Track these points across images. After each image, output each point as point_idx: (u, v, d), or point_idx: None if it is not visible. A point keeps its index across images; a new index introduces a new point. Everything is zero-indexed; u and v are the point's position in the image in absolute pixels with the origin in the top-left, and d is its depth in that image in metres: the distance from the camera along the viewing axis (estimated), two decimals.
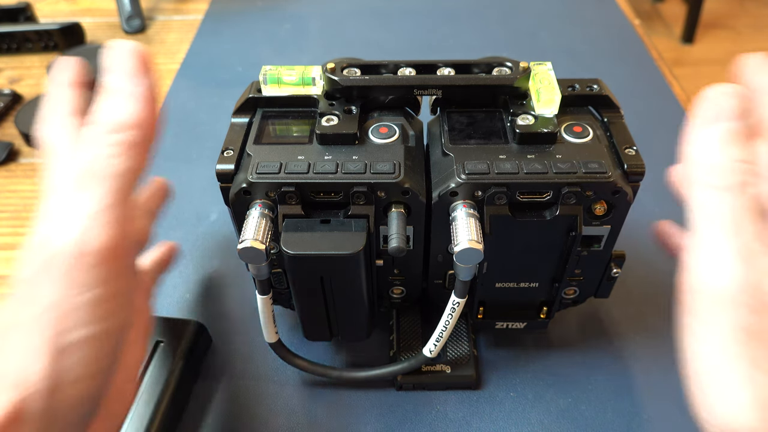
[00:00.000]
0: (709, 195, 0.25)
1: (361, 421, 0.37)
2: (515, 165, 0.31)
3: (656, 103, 0.63)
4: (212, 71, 0.70)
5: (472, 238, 0.29)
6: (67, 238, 0.24)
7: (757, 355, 0.23)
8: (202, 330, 0.40)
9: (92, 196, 0.24)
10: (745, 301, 0.23)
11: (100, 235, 0.24)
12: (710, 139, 0.25)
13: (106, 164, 0.25)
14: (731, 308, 0.23)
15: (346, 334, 0.37)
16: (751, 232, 0.24)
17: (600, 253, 0.35)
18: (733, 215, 0.24)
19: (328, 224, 0.31)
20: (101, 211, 0.24)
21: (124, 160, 0.25)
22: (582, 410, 0.38)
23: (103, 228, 0.24)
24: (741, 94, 0.25)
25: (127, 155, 0.25)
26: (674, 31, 2.20)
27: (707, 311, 0.24)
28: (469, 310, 0.38)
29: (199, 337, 0.40)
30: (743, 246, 0.24)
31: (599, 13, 0.78)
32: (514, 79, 0.34)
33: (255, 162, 0.32)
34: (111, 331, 0.26)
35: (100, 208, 0.24)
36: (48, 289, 0.24)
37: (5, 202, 0.54)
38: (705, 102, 0.26)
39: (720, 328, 0.24)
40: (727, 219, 0.24)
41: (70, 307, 0.24)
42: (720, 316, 0.24)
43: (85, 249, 0.24)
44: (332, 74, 0.34)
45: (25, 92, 0.67)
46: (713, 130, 0.25)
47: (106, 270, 0.25)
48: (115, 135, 0.25)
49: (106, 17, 0.80)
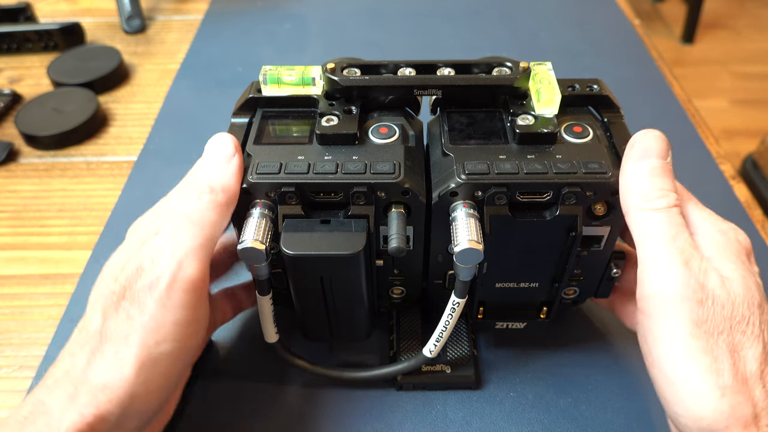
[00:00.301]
0: (645, 216, 0.29)
1: (361, 421, 0.37)
2: (515, 165, 0.31)
3: (656, 103, 0.63)
4: (212, 71, 0.70)
5: (472, 238, 0.29)
6: (168, 268, 0.29)
7: (709, 343, 0.27)
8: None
9: (189, 238, 0.30)
10: (690, 297, 0.27)
11: (192, 268, 0.30)
12: (640, 173, 0.30)
13: (201, 215, 0.31)
14: (680, 305, 0.27)
15: (346, 334, 0.37)
16: (684, 239, 0.28)
17: (600, 253, 0.35)
18: (666, 229, 0.29)
19: (328, 224, 0.31)
20: (194, 249, 0.30)
21: (215, 214, 0.31)
22: (582, 410, 0.38)
23: (193, 263, 0.30)
24: (661, 137, 0.30)
25: (217, 211, 0.31)
26: (674, 31, 2.20)
27: (662, 313, 0.28)
28: (469, 310, 0.38)
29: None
30: (680, 252, 0.28)
31: (599, 13, 0.78)
32: (514, 79, 0.34)
33: (255, 162, 0.32)
34: (187, 350, 0.31)
35: (194, 246, 0.30)
36: (148, 307, 0.29)
37: (5, 202, 0.54)
38: (635, 143, 0.31)
39: (675, 325, 0.27)
40: (662, 233, 0.29)
41: (162, 324, 0.29)
42: (673, 314, 0.27)
43: (180, 277, 0.29)
44: (332, 74, 0.34)
45: (25, 92, 0.67)
46: (642, 166, 0.30)
47: (192, 297, 0.30)
48: (211, 195, 0.31)
49: (106, 17, 0.80)
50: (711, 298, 0.27)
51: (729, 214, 0.51)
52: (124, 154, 0.59)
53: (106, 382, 0.28)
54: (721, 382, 0.26)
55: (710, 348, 0.27)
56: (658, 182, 0.30)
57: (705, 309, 0.27)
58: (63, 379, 0.28)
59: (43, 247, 0.50)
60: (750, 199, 0.52)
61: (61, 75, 0.66)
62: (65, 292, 0.46)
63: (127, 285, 0.29)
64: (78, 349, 0.29)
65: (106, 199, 0.54)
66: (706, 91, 1.94)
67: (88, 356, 0.28)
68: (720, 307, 0.27)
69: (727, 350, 0.27)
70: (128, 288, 0.29)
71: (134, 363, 0.28)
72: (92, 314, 0.30)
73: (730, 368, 0.26)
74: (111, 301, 0.29)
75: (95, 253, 0.48)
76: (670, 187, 0.30)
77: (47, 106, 0.61)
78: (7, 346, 0.42)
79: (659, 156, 0.30)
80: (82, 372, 0.28)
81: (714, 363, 0.26)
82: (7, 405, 0.39)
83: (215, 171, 0.32)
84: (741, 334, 0.27)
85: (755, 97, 1.91)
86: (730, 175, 0.54)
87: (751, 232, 0.49)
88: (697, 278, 0.27)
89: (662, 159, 0.30)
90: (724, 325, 0.27)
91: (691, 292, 0.27)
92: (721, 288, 0.27)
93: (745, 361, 0.27)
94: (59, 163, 0.58)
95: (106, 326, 0.29)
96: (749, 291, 0.28)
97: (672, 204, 0.29)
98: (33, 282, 0.47)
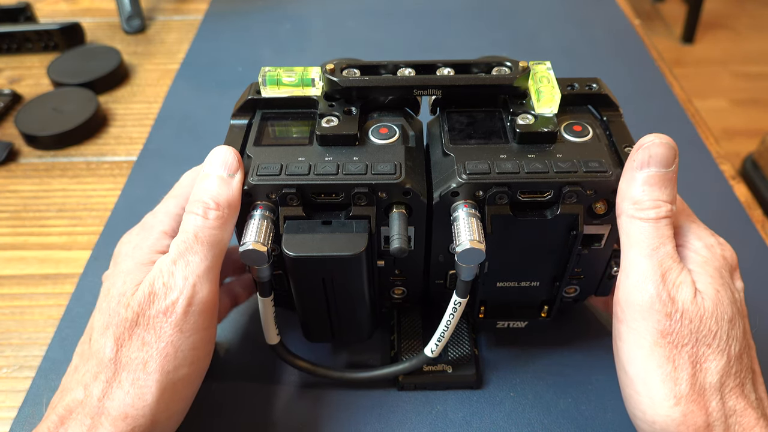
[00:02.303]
0: (633, 224, 0.30)
1: (361, 421, 0.37)
2: (516, 164, 0.31)
3: (656, 103, 0.63)
4: (212, 71, 0.70)
5: (473, 238, 0.29)
6: (182, 292, 0.29)
7: (672, 353, 0.28)
8: None
9: (201, 259, 0.30)
10: (659, 309, 0.28)
11: (204, 291, 0.30)
12: (637, 180, 0.30)
13: (209, 234, 0.30)
14: (649, 315, 0.28)
15: (348, 334, 0.37)
16: (665, 252, 0.29)
17: (600, 251, 0.35)
18: (650, 240, 0.29)
19: (330, 225, 0.31)
20: (206, 271, 0.30)
21: (221, 231, 0.31)
22: (582, 410, 0.38)
23: (206, 285, 0.30)
24: (669, 145, 0.30)
25: (222, 228, 0.31)
26: (674, 31, 2.20)
27: (632, 319, 0.29)
28: (471, 309, 0.38)
29: None
30: (659, 264, 0.29)
31: (599, 13, 0.78)
32: (514, 79, 0.34)
33: (255, 164, 0.32)
34: (202, 370, 0.32)
35: (205, 267, 0.30)
36: (165, 333, 0.29)
37: (5, 202, 0.54)
38: (641, 147, 0.30)
39: (642, 333, 0.29)
40: (646, 243, 0.29)
41: (179, 348, 0.29)
42: (642, 323, 0.29)
43: (195, 301, 0.29)
44: (332, 75, 0.34)
45: (25, 92, 0.67)
46: (641, 173, 0.30)
47: (207, 318, 0.30)
48: (218, 211, 0.31)
49: (106, 17, 0.80)
50: (680, 312, 0.28)
51: (729, 214, 0.51)
52: (124, 154, 0.59)
53: (128, 412, 0.28)
54: (678, 390, 0.28)
55: (672, 358, 0.28)
56: (654, 192, 0.29)
57: (672, 322, 0.28)
58: (78, 410, 0.28)
59: (43, 247, 0.50)
60: (750, 199, 0.52)
61: (61, 75, 0.66)
62: (65, 292, 0.46)
63: (139, 311, 0.29)
64: (90, 379, 0.29)
65: (106, 199, 0.54)
66: (706, 91, 1.94)
67: (103, 386, 0.28)
68: (687, 320, 0.28)
69: (688, 361, 0.28)
70: (141, 314, 0.29)
71: (155, 390, 0.28)
72: (102, 341, 0.29)
73: (689, 378, 0.28)
74: (123, 327, 0.29)
75: (95, 253, 0.48)
76: (665, 198, 0.30)
77: (47, 106, 0.61)
78: (7, 346, 0.42)
79: (662, 165, 0.30)
80: (98, 402, 0.28)
81: (673, 372, 0.28)
82: (7, 405, 0.39)
83: (220, 186, 0.31)
84: (706, 347, 0.28)
85: (755, 97, 1.91)
86: (730, 175, 0.54)
87: (751, 232, 0.49)
88: (669, 291, 0.28)
89: (664, 168, 0.30)
90: (690, 338, 0.28)
91: (661, 305, 0.28)
92: (691, 302, 0.28)
93: (706, 373, 0.28)
94: (59, 163, 0.58)
95: (120, 354, 0.29)
96: (720, 306, 0.28)
97: (662, 215, 0.29)
98: (33, 282, 0.47)
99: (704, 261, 0.30)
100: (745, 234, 0.49)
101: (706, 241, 0.31)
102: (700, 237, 0.31)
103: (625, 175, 0.30)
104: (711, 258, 0.30)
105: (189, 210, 0.31)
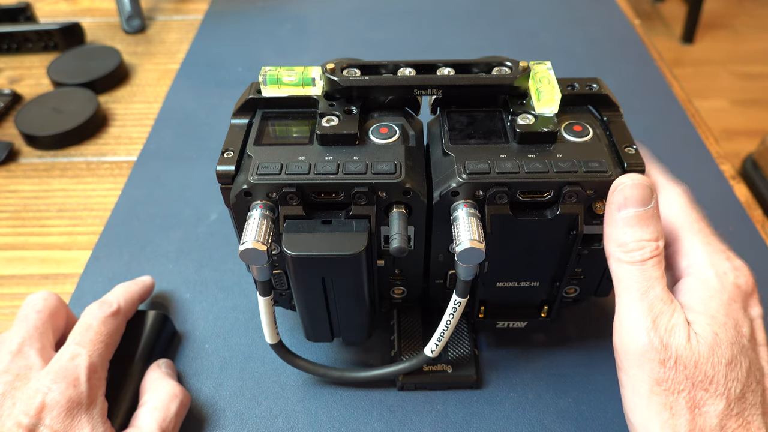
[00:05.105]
0: (621, 268, 0.30)
1: (361, 421, 0.37)
2: (516, 164, 0.31)
3: (656, 103, 0.63)
4: (212, 71, 0.70)
5: (473, 237, 0.29)
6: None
7: (669, 400, 0.28)
8: (164, 319, 0.41)
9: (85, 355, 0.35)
10: (652, 357, 0.28)
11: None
12: (618, 222, 0.30)
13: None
14: (645, 363, 0.28)
15: (347, 334, 0.37)
16: (654, 295, 0.29)
17: (601, 251, 0.35)
18: (638, 284, 0.29)
19: (330, 225, 0.31)
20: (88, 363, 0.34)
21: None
22: (582, 410, 0.38)
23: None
24: (643, 184, 0.30)
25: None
26: (674, 31, 2.20)
27: (629, 367, 0.29)
28: (470, 309, 0.38)
29: (160, 326, 0.41)
30: (649, 309, 0.28)
31: (599, 13, 0.78)
32: (514, 79, 0.34)
33: (255, 163, 0.32)
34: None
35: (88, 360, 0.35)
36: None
37: (5, 202, 0.54)
38: (616, 190, 0.30)
39: (639, 381, 0.28)
40: (635, 287, 0.29)
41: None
42: (638, 371, 0.28)
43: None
44: (332, 75, 0.34)
45: (25, 92, 0.67)
46: (620, 215, 0.30)
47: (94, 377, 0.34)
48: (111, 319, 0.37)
49: (106, 17, 0.80)
50: (673, 358, 0.28)
51: (729, 214, 0.51)
52: (124, 154, 0.59)
53: None
54: None
55: (669, 405, 0.28)
56: (636, 232, 0.29)
57: (666, 369, 0.28)
58: None
59: (43, 247, 0.50)
60: (750, 199, 0.52)
61: (61, 75, 0.66)
62: (65, 292, 0.46)
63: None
64: None
65: (106, 199, 0.54)
66: (706, 91, 1.94)
67: None
68: (682, 366, 0.28)
69: (686, 407, 0.27)
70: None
71: None
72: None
73: (687, 424, 0.27)
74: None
75: (95, 253, 0.48)
76: (648, 237, 0.29)
77: (47, 106, 0.61)
78: None
79: (639, 204, 0.29)
80: None
81: (671, 419, 0.28)
82: None
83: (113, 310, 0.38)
84: (704, 391, 0.27)
85: (755, 97, 1.91)
86: (730, 175, 0.54)
87: (751, 232, 0.49)
88: (662, 338, 0.28)
89: (642, 206, 0.29)
90: (686, 384, 0.28)
91: (654, 352, 0.28)
92: (685, 347, 0.28)
93: (705, 417, 0.27)
94: (59, 163, 0.58)
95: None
96: (717, 349, 0.28)
97: (647, 257, 0.29)
98: (33, 282, 0.47)
99: (710, 296, 0.29)
100: (745, 234, 0.49)
101: (718, 269, 0.30)
102: (713, 263, 0.30)
103: (607, 218, 0.30)
104: (720, 290, 0.29)
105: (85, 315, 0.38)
